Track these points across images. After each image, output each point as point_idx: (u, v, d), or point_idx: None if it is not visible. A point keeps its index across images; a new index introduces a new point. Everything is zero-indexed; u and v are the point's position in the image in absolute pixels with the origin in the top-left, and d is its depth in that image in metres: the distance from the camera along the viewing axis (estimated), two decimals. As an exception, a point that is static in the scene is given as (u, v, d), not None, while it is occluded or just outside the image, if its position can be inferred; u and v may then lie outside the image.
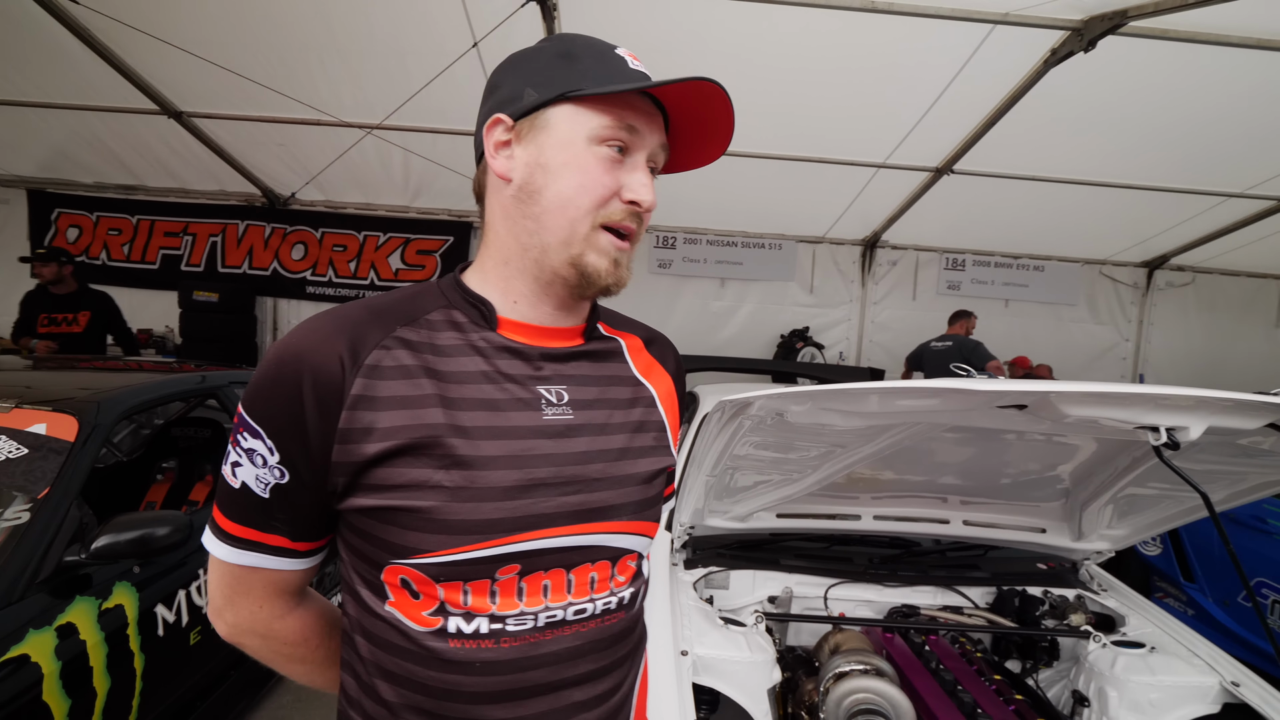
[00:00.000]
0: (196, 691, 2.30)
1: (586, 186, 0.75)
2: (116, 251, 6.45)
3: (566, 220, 0.75)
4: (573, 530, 0.77)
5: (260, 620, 0.80)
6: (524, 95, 0.77)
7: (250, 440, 0.72)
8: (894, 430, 1.70)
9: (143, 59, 4.39)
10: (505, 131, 0.78)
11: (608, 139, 0.75)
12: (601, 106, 0.75)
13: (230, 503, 0.75)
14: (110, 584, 1.96)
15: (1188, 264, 6.70)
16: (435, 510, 0.71)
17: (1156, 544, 4.07)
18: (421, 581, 0.72)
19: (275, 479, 0.72)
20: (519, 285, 0.80)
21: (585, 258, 0.76)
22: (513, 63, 0.81)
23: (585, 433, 0.79)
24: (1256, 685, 1.73)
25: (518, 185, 0.77)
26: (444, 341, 0.77)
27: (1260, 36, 3.45)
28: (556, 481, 0.76)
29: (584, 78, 0.75)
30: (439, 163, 5.38)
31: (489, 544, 0.72)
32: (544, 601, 0.76)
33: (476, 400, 0.75)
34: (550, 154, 0.75)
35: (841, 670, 1.73)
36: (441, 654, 0.73)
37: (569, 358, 0.82)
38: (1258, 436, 1.48)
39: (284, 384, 0.70)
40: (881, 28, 3.59)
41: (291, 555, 0.77)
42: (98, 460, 3.01)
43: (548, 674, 0.76)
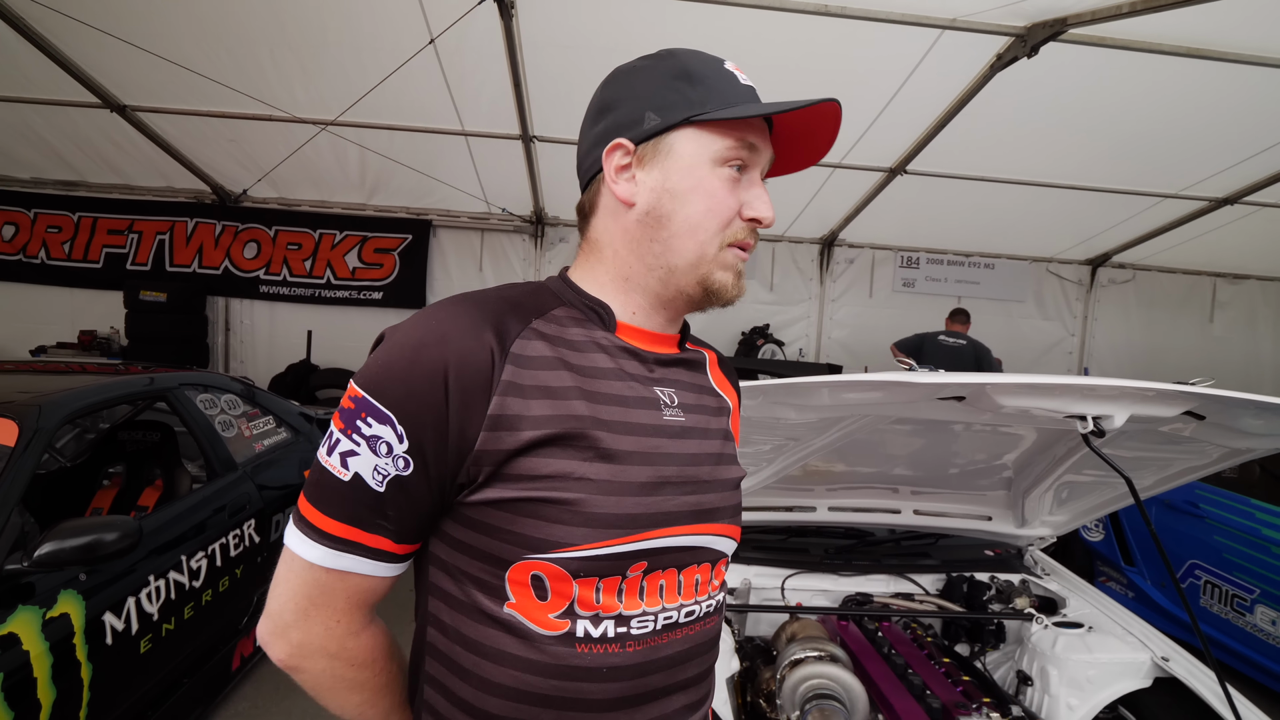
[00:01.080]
0: (148, 700, 2.25)
1: (714, 210, 0.75)
2: (56, 250, 6.21)
3: (696, 244, 0.76)
4: (689, 530, 0.77)
5: (334, 637, 0.73)
6: (645, 119, 0.76)
7: (376, 426, 0.67)
8: (844, 423, 1.76)
9: (83, 50, 4.25)
10: (626, 156, 0.77)
11: (731, 160, 0.75)
12: (724, 129, 0.75)
13: (333, 497, 0.69)
14: (55, 592, 1.90)
15: (1128, 262, 6.99)
16: (582, 502, 0.69)
17: (1099, 530, 4.25)
18: (557, 577, 0.70)
19: (397, 470, 0.68)
20: (639, 299, 0.80)
21: (713, 276, 0.77)
22: (624, 81, 0.79)
23: (694, 435, 0.80)
24: (1184, 660, 1.83)
25: (644, 210, 0.77)
26: (574, 336, 0.76)
27: (1190, 45, 3.62)
28: (679, 480, 0.76)
29: (707, 100, 0.74)
30: (396, 160, 5.32)
31: (628, 539, 0.71)
32: (661, 602, 0.75)
33: (611, 395, 0.74)
34: (676, 179, 0.75)
35: (797, 657, 1.78)
36: (567, 660, 0.70)
37: (673, 364, 0.83)
38: (1178, 424, 1.57)
39: (425, 367, 0.67)
40: (834, 31, 3.67)
41: (389, 559, 0.72)
42: (40, 466, 2.92)
43: (664, 678, 0.75)
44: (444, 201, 6.18)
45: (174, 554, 2.39)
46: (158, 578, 2.28)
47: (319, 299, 6.42)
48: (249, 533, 2.84)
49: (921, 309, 6.70)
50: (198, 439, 2.84)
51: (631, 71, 0.80)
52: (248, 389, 3.46)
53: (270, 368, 6.31)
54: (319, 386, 6.10)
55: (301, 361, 6.25)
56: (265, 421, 3.39)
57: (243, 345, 6.56)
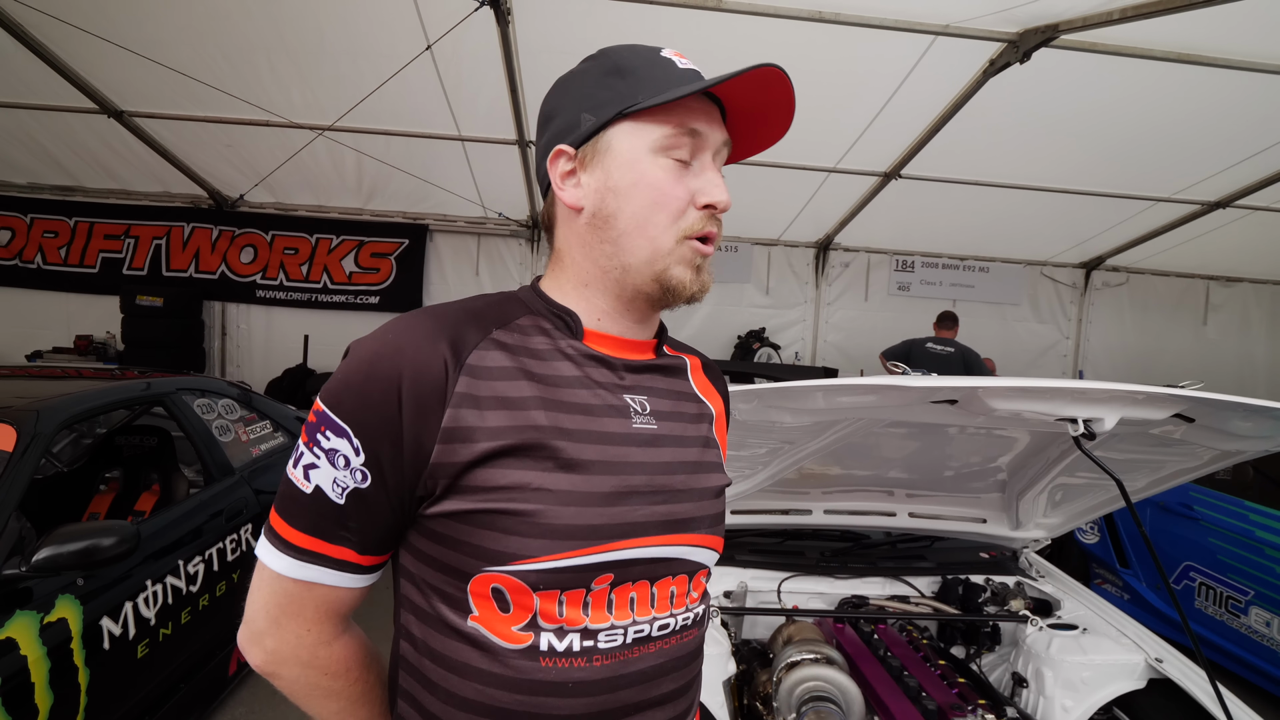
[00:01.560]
0: (146, 705, 2.25)
1: (660, 202, 0.74)
2: (53, 255, 6.20)
3: (647, 240, 0.74)
4: (660, 540, 0.75)
5: (305, 646, 0.74)
6: (580, 121, 0.75)
7: (334, 439, 0.68)
8: (839, 426, 1.77)
9: (80, 56, 4.24)
10: (569, 161, 0.77)
11: (672, 148, 0.73)
12: (659, 117, 0.73)
13: (297, 509, 0.70)
14: (52, 597, 1.90)
15: (1122, 265, 7.02)
16: (540, 513, 0.68)
17: (1094, 532, 4.26)
18: (517, 590, 0.69)
19: (355, 482, 0.68)
20: (601, 304, 0.79)
21: (669, 272, 0.75)
22: (562, 88, 0.79)
23: (667, 443, 0.78)
24: (1177, 661, 1.84)
25: (590, 212, 0.76)
26: (537, 346, 0.75)
27: (1181, 51, 3.65)
28: (648, 490, 0.75)
29: (637, 90, 0.73)
30: (393, 165, 5.32)
31: (590, 550, 0.70)
32: (631, 615, 0.74)
33: (574, 404, 0.73)
34: (617, 175, 0.74)
35: (793, 660, 1.78)
36: (531, 674, 0.70)
37: (646, 369, 0.82)
38: (1169, 427, 1.59)
39: (379, 380, 0.67)
40: (828, 37, 3.69)
41: (354, 570, 0.72)
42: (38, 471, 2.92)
43: (636, 693, 0.74)
44: (440, 206, 6.19)
45: (171, 559, 2.40)
46: (155, 583, 2.29)
47: (315, 304, 6.42)
48: (246, 537, 2.85)
49: (917, 312, 6.72)
50: (195, 444, 2.84)
51: (569, 77, 0.80)
52: (244, 394, 3.46)
53: (267, 372, 6.30)
54: (315, 391, 6.06)
55: (298, 366, 6.24)
56: (262, 426, 3.39)
57: (239, 350, 6.54)
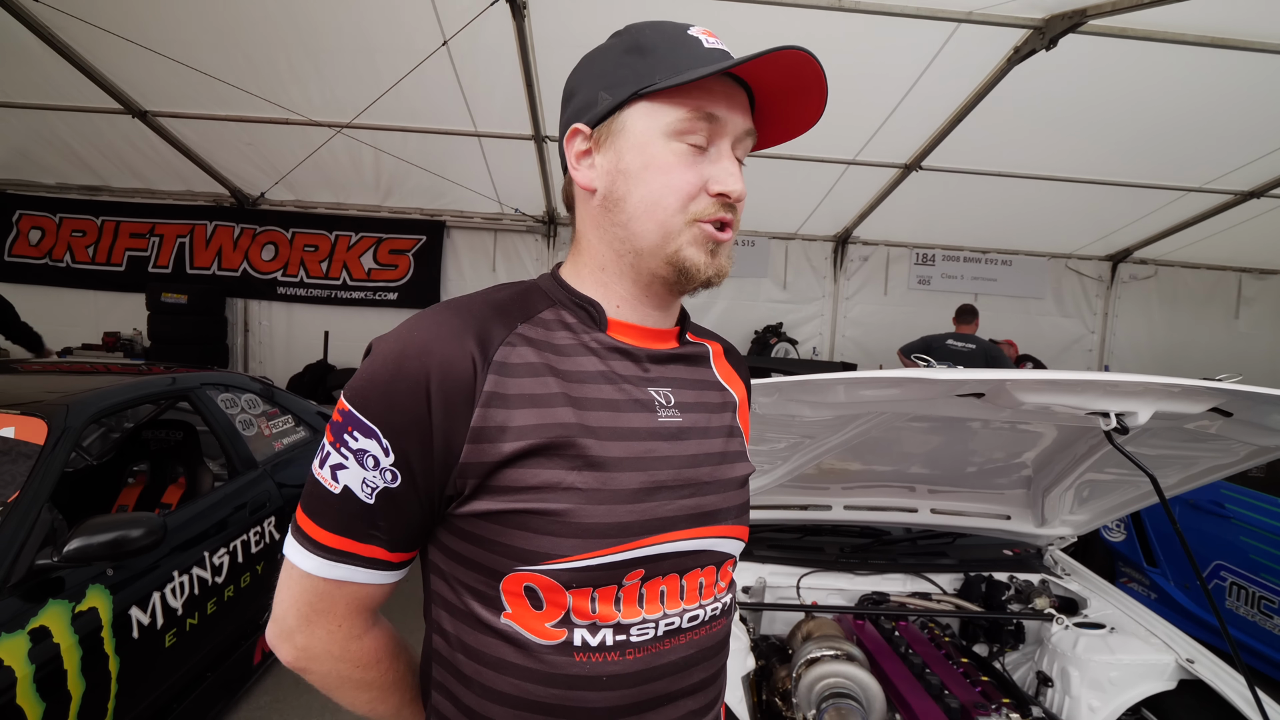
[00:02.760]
0: (173, 693, 2.29)
1: (671, 186, 0.72)
2: (81, 253, 6.32)
3: (656, 223, 0.73)
4: (689, 534, 0.75)
5: (336, 641, 0.74)
6: (598, 100, 0.74)
7: (361, 440, 0.67)
8: (860, 420, 1.74)
9: (105, 58, 4.32)
10: (584, 141, 0.76)
11: (686, 133, 0.71)
12: (677, 98, 0.71)
13: (325, 509, 0.70)
14: (83, 587, 1.94)
15: (1150, 257, 6.87)
16: (571, 513, 0.68)
17: (1120, 530, 4.19)
18: (550, 589, 0.69)
19: (385, 482, 0.68)
20: (619, 289, 0.78)
21: (682, 253, 0.73)
22: (585, 65, 0.78)
23: (693, 435, 0.78)
24: (1210, 662, 1.79)
25: (602, 194, 0.75)
26: (560, 341, 0.75)
27: (1214, 35, 3.56)
28: (675, 484, 0.74)
29: (655, 70, 0.71)
30: (410, 161, 5.36)
31: (621, 548, 0.70)
32: (662, 609, 0.74)
33: (599, 400, 0.73)
34: (629, 157, 0.72)
35: (813, 656, 1.77)
36: (565, 669, 0.70)
37: (669, 360, 0.81)
38: (1204, 421, 1.55)
39: (407, 379, 0.66)
40: (848, 26, 3.65)
41: (385, 568, 0.72)
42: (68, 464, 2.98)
43: (668, 684, 0.74)
44: (457, 202, 6.22)
45: (197, 550, 2.43)
46: (181, 573, 2.32)
47: (335, 300, 6.48)
48: (269, 530, 2.88)
49: (937, 306, 6.62)
50: (219, 438, 2.88)
51: (592, 54, 0.78)
52: (267, 389, 3.50)
53: (288, 368, 6.38)
54: (336, 386, 6.15)
55: (319, 362, 6.31)
56: (284, 420, 3.43)
57: (261, 346, 6.64)
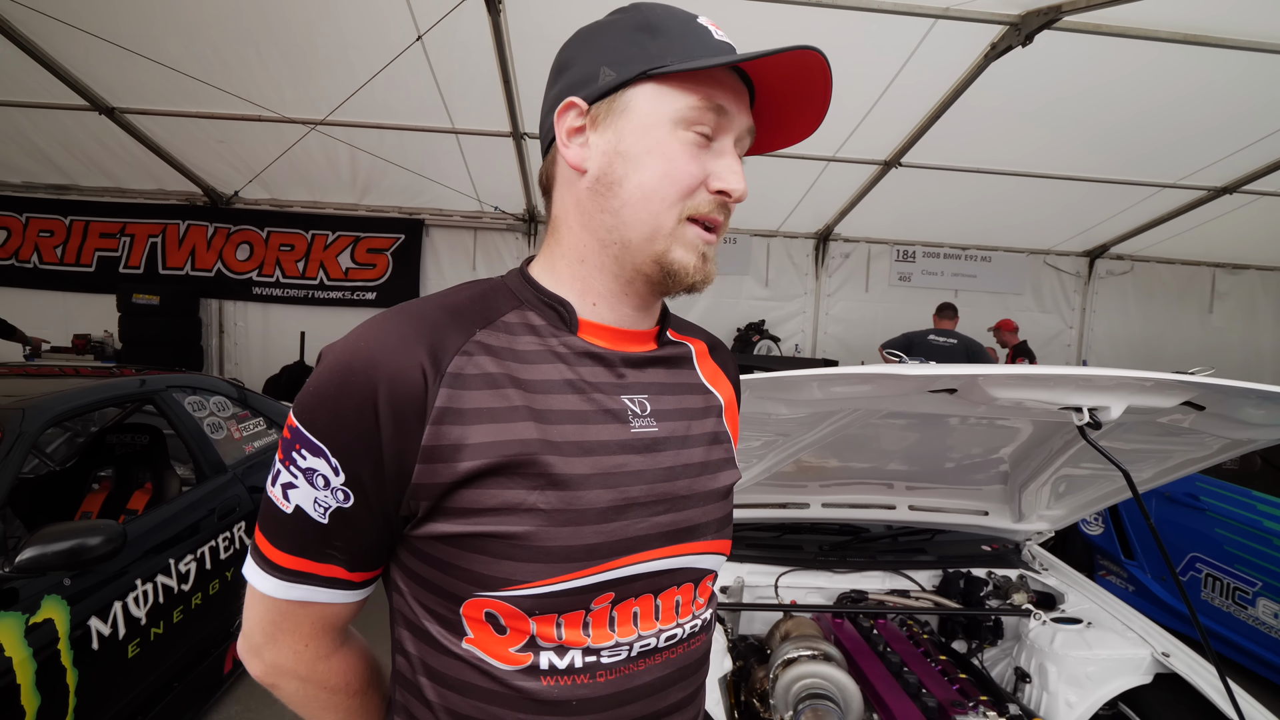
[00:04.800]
0: (137, 705, 2.23)
1: (672, 175, 0.67)
2: (49, 254, 6.18)
3: (650, 213, 0.68)
4: (664, 553, 0.71)
5: (304, 661, 0.71)
6: (600, 75, 0.68)
7: (310, 459, 0.63)
8: (835, 417, 1.73)
9: (70, 53, 4.21)
10: (579, 117, 0.70)
11: (695, 122, 0.67)
12: (688, 85, 0.67)
13: (280, 530, 0.66)
14: (39, 598, 1.88)
15: (1126, 253, 6.95)
16: (532, 536, 0.64)
17: (1099, 524, 4.22)
18: (512, 615, 0.65)
19: (337, 502, 0.64)
20: (597, 285, 0.72)
21: (671, 254, 0.69)
22: (584, 38, 0.73)
23: (670, 446, 0.73)
24: (1185, 655, 1.79)
25: (594, 176, 0.69)
26: (523, 346, 0.69)
27: (1187, 32, 3.59)
28: (648, 500, 0.70)
29: (667, 52, 0.67)
30: (387, 159, 5.29)
31: (587, 571, 0.66)
32: (636, 630, 0.70)
33: (565, 412, 0.67)
34: (630, 140, 0.67)
35: (790, 656, 1.75)
36: (533, 694, 0.66)
37: (646, 364, 0.75)
38: (1177, 415, 1.54)
39: (354, 395, 0.61)
40: (826, 22, 3.64)
41: (346, 587, 0.69)
42: (28, 470, 2.90)
43: (643, 706, 0.71)
44: (436, 200, 6.15)
45: (162, 558, 2.37)
46: (145, 582, 2.26)
47: (312, 300, 6.39)
48: (239, 535, 2.82)
49: (918, 303, 6.65)
50: (186, 441, 2.81)
51: (593, 27, 0.73)
52: (237, 391, 3.43)
53: (265, 369, 6.28)
54: (314, 388, 6.07)
55: (296, 363, 6.22)
56: (256, 423, 3.36)
57: (237, 347, 6.53)
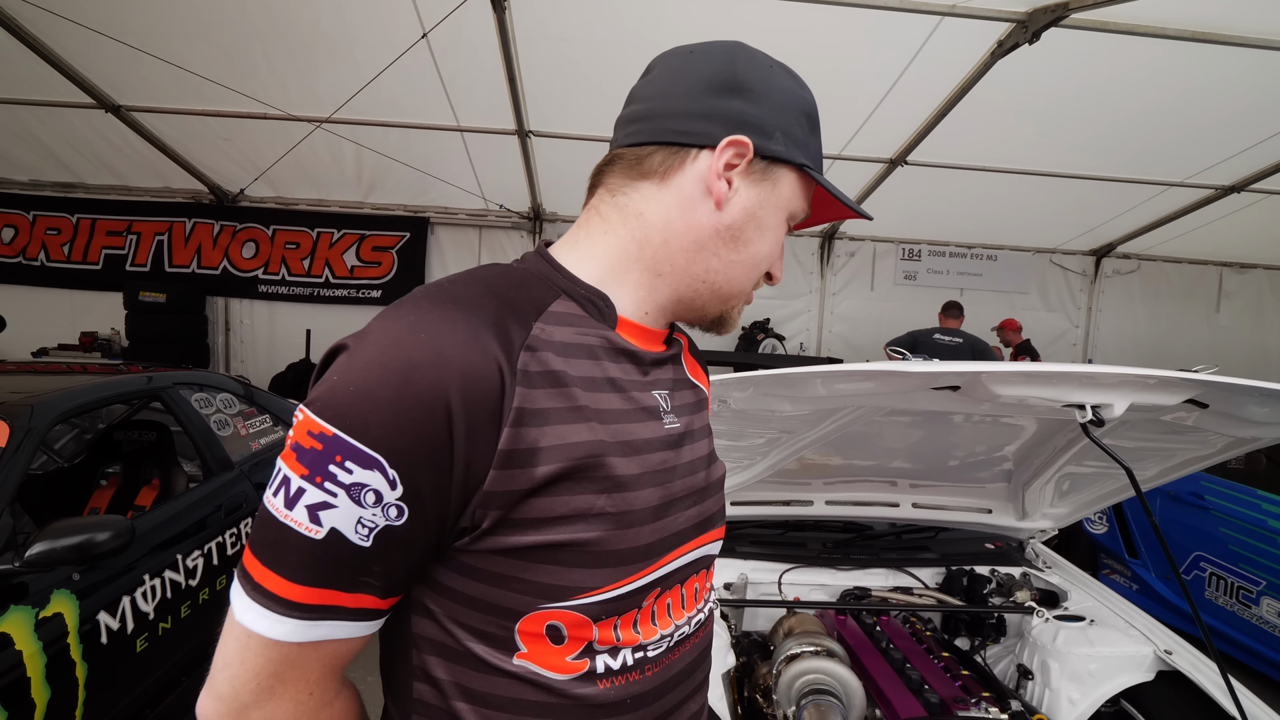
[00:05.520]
0: (146, 699, 2.24)
1: (769, 258, 0.76)
2: (56, 252, 6.21)
3: (747, 279, 0.75)
4: (695, 544, 0.74)
5: (305, 712, 0.61)
6: (774, 136, 0.70)
7: (360, 472, 0.55)
8: (839, 415, 1.73)
9: (76, 51, 4.23)
10: (739, 156, 0.69)
11: (794, 217, 0.77)
12: (808, 191, 0.76)
13: (300, 559, 0.56)
14: (48, 592, 1.89)
15: (1133, 252, 6.91)
16: (602, 541, 0.62)
17: (1103, 522, 4.21)
18: (577, 624, 0.63)
19: (388, 520, 0.56)
20: (660, 298, 0.74)
21: (734, 309, 0.77)
22: (767, 78, 0.72)
23: (689, 440, 0.75)
24: (1188, 653, 1.79)
25: (727, 223, 0.71)
26: (568, 339, 0.66)
27: (1195, 29, 3.56)
28: (683, 495, 0.72)
29: (817, 157, 0.75)
30: (392, 157, 5.29)
31: (647, 571, 0.66)
32: (672, 621, 0.72)
33: (614, 411, 0.67)
34: (767, 213, 0.73)
35: (793, 652, 1.75)
36: (590, 699, 0.65)
37: (663, 362, 0.77)
38: (1181, 413, 1.54)
39: (420, 395, 0.54)
40: (832, 19, 3.63)
41: (371, 617, 0.61)
42: (37, 466, 2.92)
43: (679, 693, 0.73)
44: (441, 199, 6.16)
45: (169, 553, 2.39)
46: (153, 577, 2.28)
47: (318, 298, 6.41)
48: (246, 531, 2.83)
49: (924, 302, 6.64)
50: (193, 438, 2.83)
51: (770, 70, 0.73)
52: (243, 388, 3.45)
53: (271, 367, 6.30)
54: (319, 385, 6.09)
55: (301, 361, 6.23)
56: (262, 420, 3.38)
57: (243, 345, 6.55)
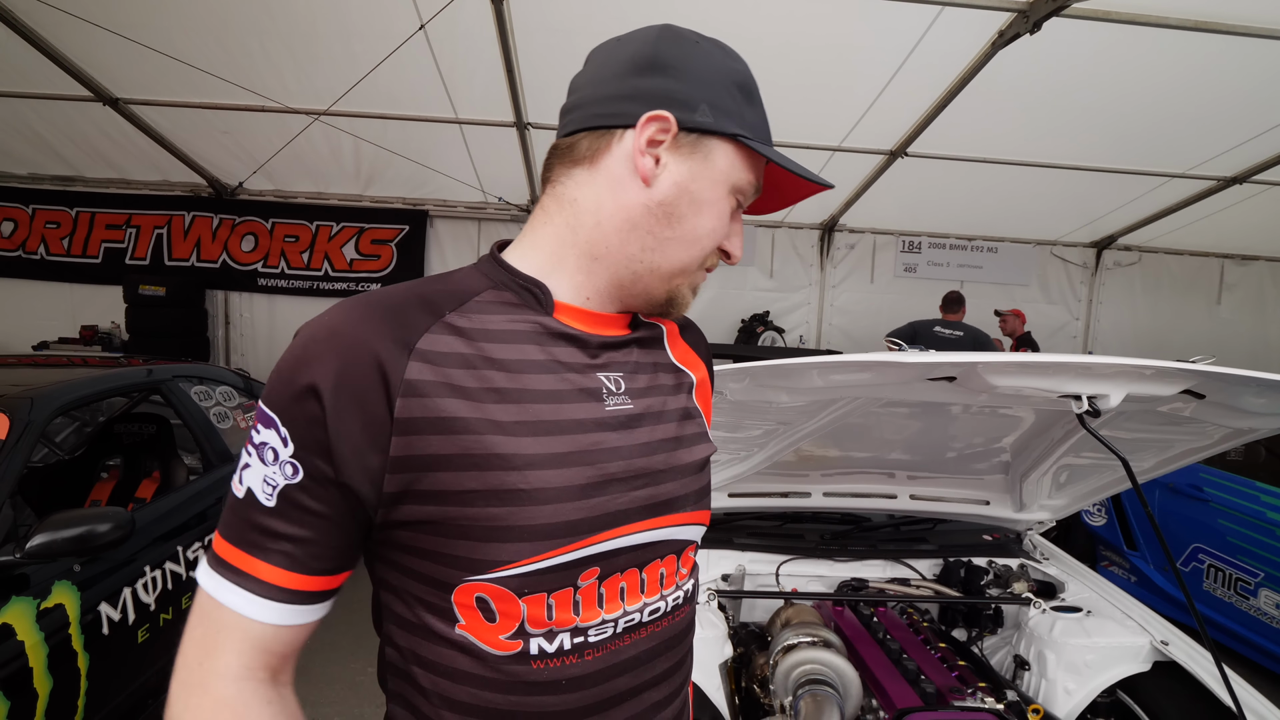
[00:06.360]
0: (147, 690, 2.26)
1: (715, 233, 0.75)
2: (55, 245, 6.20)
3: (688, 256, 0.74)
4: (644, 526, 0.73)
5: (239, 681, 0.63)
6: (699, 109, 0.71)
7: (264, 432, 0.62)
8: (836, 406, 1.73)
9: (73, 44, 4.21)
10: (663, 132, 0.71)
11: (742, 193, 0.75)
12: (753, 163, 0.74)
13: (229, 517, 0.63)
14: (49, 583, 1.91)
15: (1134, 244, 6.89)
16: (514, 515, 0.64)
17: (1101, 514, 4.22)
18: (502, 598, 0.66)
19: (285, 478, 0.61)
20: (599, 282, 0.75)
21: (681, 290, 0.77)
22: (689, 52, 0.73)
23: (645, 422, 0.75)
24: (1184, 643, 1.80)
25: (658, 199, 0.72)
26: (498, 326, 0.70)
27: (1197, 18, 3.54)
28: (626, 476, 0.72)
29: (756, 127, 0.74)
30: (391, 149, 5.28)
31: (572, 547, 0.67)
32: (622, 606, 0.72)
33: (540, 392, 0.69)
34: (701, 187, 0.72)
35: (790, 643, 1.76)
36: (523, 677, 0.68)
37: (622, 345, 0.78)
38: (1178, 404, 1.54)
39: (312, 364, 0.61)
40: (831, 9, 3.62)
41: (282, 599, 0.62)
42: (38, 458, 2.93)
43: (630, 680, 0.73)
44: (440, 191, 6.15)
45: (170, 545, 2.40)
46: (154, 568, 2.29)
47: (317, 291, 6.40)
48: (246, 524, 2.84)
49: (924, 294, 6.63)
50: (192, 430, 2.84)
51: (696, 46, 0.74)
52: (244, 380, 3.46)
53: (271, 360, 6.27)
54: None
55: (302, 354, 6.25)
56: (262, 413, 3.39)
57: (243, 338, 6.55)
